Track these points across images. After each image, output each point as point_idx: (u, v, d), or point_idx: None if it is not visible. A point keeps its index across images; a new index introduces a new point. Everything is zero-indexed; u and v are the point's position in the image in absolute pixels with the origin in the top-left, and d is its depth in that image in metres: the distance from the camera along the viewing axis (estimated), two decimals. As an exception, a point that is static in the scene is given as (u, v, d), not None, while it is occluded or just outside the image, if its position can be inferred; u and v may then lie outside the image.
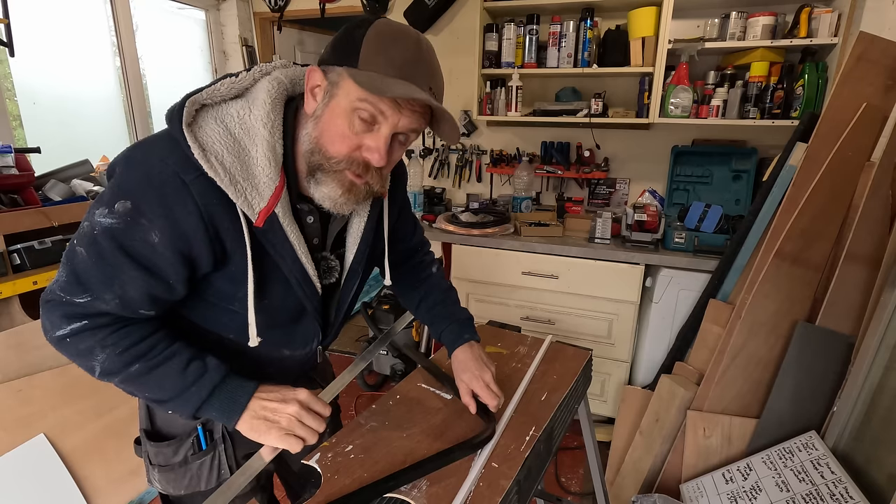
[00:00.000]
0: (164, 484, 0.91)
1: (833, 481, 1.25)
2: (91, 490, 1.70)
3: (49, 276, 1.79)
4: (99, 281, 0.66)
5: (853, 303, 1.43)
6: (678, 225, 2.08)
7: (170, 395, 0.71)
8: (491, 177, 2.76)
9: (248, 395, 0.72)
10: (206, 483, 0.90)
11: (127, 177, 0.66)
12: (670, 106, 2.12)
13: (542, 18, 2.31)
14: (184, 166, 0.64)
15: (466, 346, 0.98)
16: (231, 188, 0.66)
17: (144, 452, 0.92)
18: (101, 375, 0.71)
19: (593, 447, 1.29)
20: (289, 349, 0.87)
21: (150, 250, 0.66)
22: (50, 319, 0.69)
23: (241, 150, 0.68)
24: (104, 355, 0.69)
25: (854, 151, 1.49)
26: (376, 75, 0.65)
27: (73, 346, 0.70)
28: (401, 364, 2.53)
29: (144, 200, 0.64)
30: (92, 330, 0.69)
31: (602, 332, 2.14)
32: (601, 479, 1.34)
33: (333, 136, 0.69)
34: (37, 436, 1.64)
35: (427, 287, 1.07)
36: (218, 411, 0.71)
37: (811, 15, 1.92)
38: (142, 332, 0.71)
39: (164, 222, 0.65)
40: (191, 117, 0.66)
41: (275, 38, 3.12)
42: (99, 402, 1.82)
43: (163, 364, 0.70)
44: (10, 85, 2.04)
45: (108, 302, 0.67)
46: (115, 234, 0.64)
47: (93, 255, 0.66)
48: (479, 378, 0.92)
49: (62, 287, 0.68)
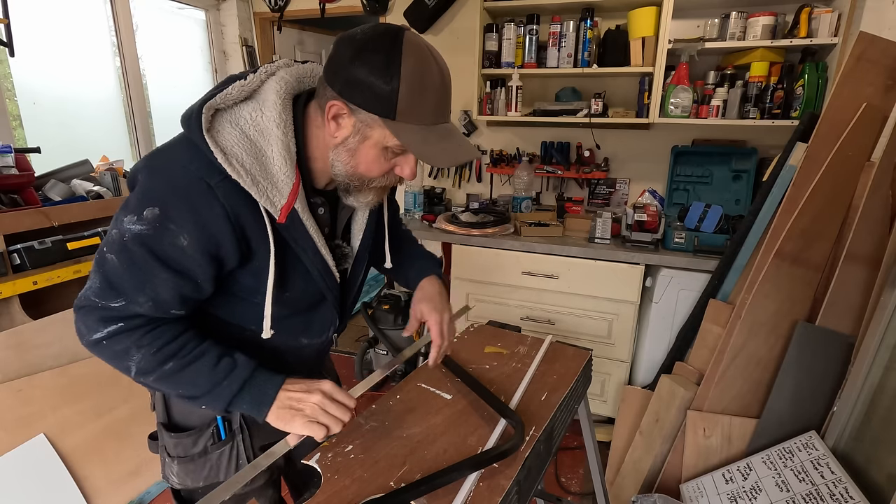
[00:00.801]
0: (183, 476, 0.92)
1: (833, 481, 1.25)
2: (91, 490, 1.70)
3: (49, 276, 1.79)
4: (132, 286, 0.69)
5: (853, 303, 1.43)
6: (678, 225, 2.08)
7: (203, 391, 0.73)
8: (491, 177, 2.76)
9: (277, 387, 0.74)
10: (225, 474, 0.92)
11: (152, 184, 0.68)
12: (670, 106, 2.12)
13: (542, 18, 2.31)
14: (208, 171, 0.67)
15: (432, 277, 1.01)
16: (254, 188, 0.69)
17: (161, 447, 0.94)
18: (136, 375, 0.73)
19: (593, 447, 1.29)
20: (307, 338, 0.91)
21: (180, 253, 0.69)
22: (86, 324, 0.72)
23: (258, 151, 0.70)
24: (139, 355, 0.71)
25: (854, 151, 1.49)
26: (414, 130, 0.70)
27: (110, 349, 0.72)
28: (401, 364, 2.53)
29: (172, 206, 0.67)
30: (128, 332, 0.71)
31: (602, 332, 2.14)
32: (601, 479, 1.34)
33: (371, 166, 0.75)
34: (37, 436, 1.64)
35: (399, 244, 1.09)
36: (248, 404, 0.74)
37: (811, 15, 1.92)
38: (173, 331, 0.74)
39: (192, 226, 0.67)
40: (208, 122, 0.68)
41: (275, 38, 3.12)
42: (99, 402, 1.82)
43: (195, 361, 0.73)
44: (10, 85, 2.04)
45: (141, 305, 0.70)
46: (145, 240, 0.67)
47: (124, 261, 0.68)
48: (438, 312, 0.94)
49: (96, 293, 0.70)
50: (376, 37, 0.67)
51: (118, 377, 1.90)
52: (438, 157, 0.71)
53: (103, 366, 2.13)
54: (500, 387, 1.04)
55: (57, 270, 1.81)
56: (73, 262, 1.87)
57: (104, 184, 2.04)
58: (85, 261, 1.91)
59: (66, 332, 1.83)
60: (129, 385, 1.92)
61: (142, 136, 2.63)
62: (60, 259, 1.82)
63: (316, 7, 2.80)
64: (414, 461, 0.81)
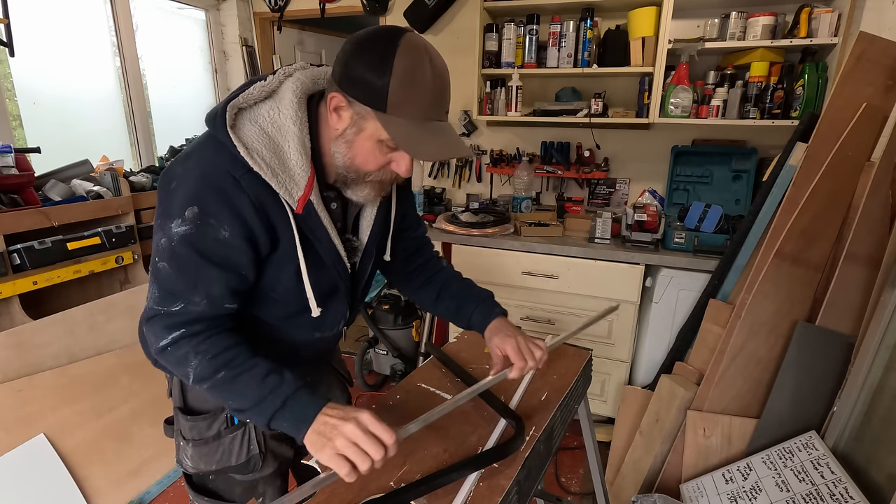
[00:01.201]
0: (196, 460, 0.95)
1: (833, 481, 1.25)
2: (91, 490, 1.70)
3: (49, 276, 1.79)
4: (186, 287, 0.74)
5: (853, 303, 1.43)
6: (678, 225, 2.08)
7: (250, 404, 0.74)
8: (491, 177, 2.76)
9: (317, 409, 0.72)
10: (237, 458, 0.94)
11: (187, 185, 0.73)
12: (670, 106, 2.12)
13: (542, 18, 2.31)
14: (233, 165, 0.73)
15: (497, 319, 1.00)
16: (273, 180, 0.74)
17: (177, 430, 0.97)
18: (194, 381, 0.76)
19: (593, 447, 1.29)
20: (320, 331, 0.93)
21: (223, 246, 0.74)
22: (153, 332, 0.77)
23: (276, 147, 0.76)
24: (196, 361, 0.75)
25: (854, 151, 1.49)
26: (404, 124, 0.72)
27: (172, 355, 0.76)
28: (401, 364, 2.53)
29: (208, 201, 0.72)
30: (188, 337, 0.76)
31: (602, 332, 2.14)
32: (601, 479, 1.34)
33: (367, 158, 0.77)
34: (37, 436, 1.64)
35: (443, 279, 1.09)
36: (288, 422, 0.73)
37: (811, 15, 1.92)
38: (228, 341, 0.77)
39: (228, 215, 0.73)
40: (232, 120, 0.74)
41: (275, 38, 3.12)
42: (99, 402, 1.82)
43: (245, 373, 0.75)
44: (10, 85, 2.04)
45: (198, 304, 0.75)
46: (191, 240, 0.73)
47: (174, 266, 0.74)
48: (510, 338, 0.93)
49: (157, 301, 0.76)
50: (376, 36, 0.71)
51: (118, 377, 1.90)
52: (423, 151, 0.74)
53: (103, 366, 2.13)
54: (499, 387, 1.04)
55: (57, 270, 1.81)
56: (73, 262, 1.87)
57: (104, 184, 2.04)
58: (85, 261, 1.92)
59: (66, 332, 1.83)
60: (129, 385, 1.92)
61: (142, 136, 2.63)
62: (60, 259, 1.82)
63: (316, 7, 2.80)
64: (414, 461, 0.81)
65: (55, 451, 1.66)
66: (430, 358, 1.19)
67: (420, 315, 2.63)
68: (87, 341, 1.88)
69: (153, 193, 2.24)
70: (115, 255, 2.03)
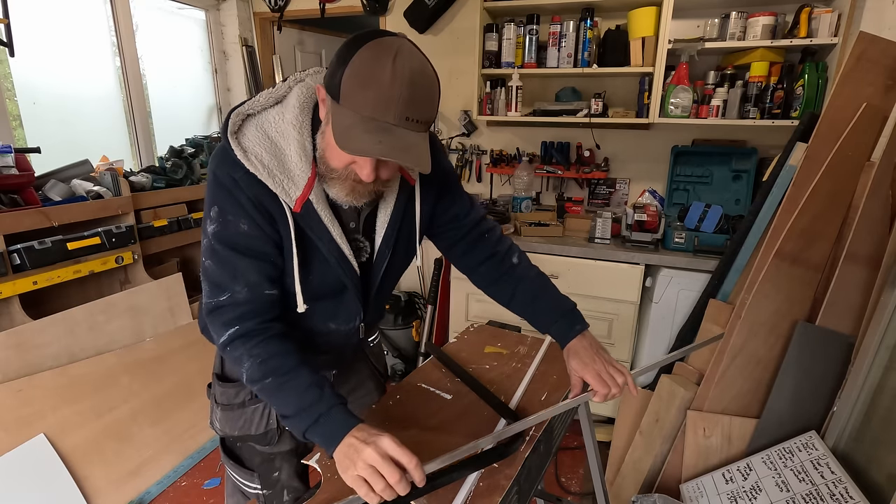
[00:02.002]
0: (223, 423, 1.03)
1: (833, 481, 1.25)
2: (91, 490, 1.70)
3: (49, 276, 1.79)
4: (227, 278, 0.82)
5: (853, 303, 1.43)
6: (678, 225, 2.08)
7: (290, 413, 0.77)
8: (491, 177, 2.76)
9: (345, 431, 0.74)
10: (256, 427, 1.01)
11: (208, 188, 0.82)
12: (670, 106, 2.12)
13: (542, 18, 2.31)
14: (233, 167, 0.79)
15: (579, 336, 0.96)
16: (270, 180, 0.79)
17: (212, 395, 1.07)
18: (247, 381, 0.82)
19: (593, 447, 1.28)
20: (335, 323, 0.97)
21: (246, 237, 0.81)
22: (214, 328, 0.84)
23: (278, 150, 0.81)
24: (249, 363, 0.80)
25: (854, 151, 1.49)
26: (350, 116, 0.70)
27: (231, 354, 0.83)
28: (401, 364, 2.53)
29: (222, 200, 0.81)
30: (241, 338, 0.81)
31: (602, 332, 2.14)
32: (601, 479, 1.34)
33: (332, 153, 0.79)
34: (37, 436, 1.64)
35: (515, 279, 1.03)
36: (320, 438, 0.75)
37: (811, 15, 1.92)
38: (277, 346, 0.82)
39: (239, 211, 0.80)
40: (236, 127, 0.80)
41: (275, 38, 3.12)
42: (99, 402, 1.82)
43: (288, 383, 0.79)
44: (10, 85, 2.04)
45: (240, 292, 0.82)
46: (221, 236, 0.81)
47: (215, 261, 0.82)
48: (589, 366, 0.90)
49: (209, 295, 0.83)
50: (359, 37, 0.72)
51: (118, 377, 1.90)
52: (352, 144, 0.69)
53: (103, 366, 2.13)
54: (499, 387, 1.04)
55: (57, 270, 1.81)
56: (73, 262, 1.87)
57: (104, 184, 2.04)
58: (85, 261, 1.92)
59: (66, 332, 1.83)
60: (129, 385, 1.92)
61: (142, 136, 2.63)
62: (60, 259, 1.82)
63: (316, 7, 2.80)
64: (414, 461, 0.81)
65: (55, 451, 1.66)
66: (430, 358, 1.19)
67: (420, 315, 2.63)
68: (87, 341, 1.88)
69: (153, 193, 2.25)
70: (115, 255, 2.03)
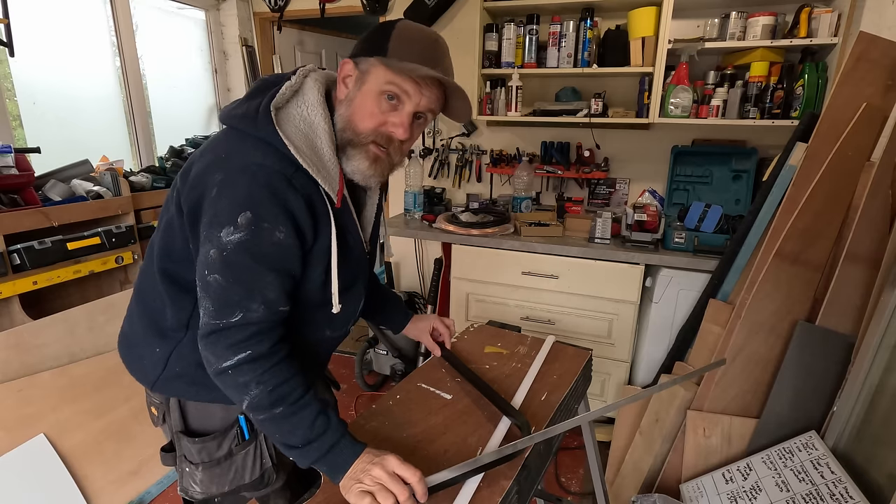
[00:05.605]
0: (208, 483, 0.91)
1: (833, 481, 1.25)
2: (91, 490, 1.70)
3: (49, 276, 1.79)
4: (243, 295, 0.73)
5: (853, 303, 1.43)
6: (678, 225, 2.08)
7: (298, 444, 0.74)
8: (491, 177, 2.76)
9: (355, 456, 0.74)
10: (251, 475, 0.92)
11: (236, 191, 0.72)
12: (670, 106, 2.12)
13: (542, 18, 2.31)
14: (282, 164, 0.73)
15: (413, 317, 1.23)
16: (319, 176, 0.76)
17: (181, 456, 0.92)
18: (248, 409, 0.75)
19: (593, 447, 1.29)
20: (331, 329, 0.93)
21: (278, 249, 0.74)
22: (214, 352, 0.74)
23: (311, 143, 0.78)
24: (258, 391, 0.73)
25: (854, 151, 1.49)
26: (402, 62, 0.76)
27: (233, 379, 0.74)
28: (401, 364, 2.53)
29: (261, 204, 0.71)
30: (251, 362, 0.73)
31: (602, 332, 2.14)
32: (601, 479, 1.34)
33: (364, 115, 0.79)
34: (37, 436, 1.64)
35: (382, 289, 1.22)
36: (328, 467, 0.74)
37: (811, 15, 1.92)
38: (287, 371, 0.76)
39: (283, 217, 0.73)
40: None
41: (275, 38, 3.12)
42: (99, 402, 1.82)
43: (298, 412, 0.74)
44: (10, 85, 2.04)
45: (256, 311, 0.73)
46: (247, 246, 0.71)
47: (228, 275, 0.72)
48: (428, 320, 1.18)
49: (213, 316, 0.73)
50: (383, 23, 0.81)
51: (118, 377, 1.90)
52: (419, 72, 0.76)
53: (103, 366, 2.13)
54: (499, 387, 1.04)
55: (57, 270, 1.82)
56: (72, 262, 1.87)
57: (104, 184, 2.04)
58: (84, 261, 1.92)
59: (66, 332, 1.83)
60: (129, 385, 1.92)
61: (142, 136, 2.63)
62: (60, 259, 1.82)
63: (316, 7, 2.80)
64: (414, 461, 0.80)
65: (55, 451, 1.66)
66: (430, 358, 1.19)
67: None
68: (87, 341, 1.88)
69: (153, 193, 2.24)
70: (115, 255, 2.03)
